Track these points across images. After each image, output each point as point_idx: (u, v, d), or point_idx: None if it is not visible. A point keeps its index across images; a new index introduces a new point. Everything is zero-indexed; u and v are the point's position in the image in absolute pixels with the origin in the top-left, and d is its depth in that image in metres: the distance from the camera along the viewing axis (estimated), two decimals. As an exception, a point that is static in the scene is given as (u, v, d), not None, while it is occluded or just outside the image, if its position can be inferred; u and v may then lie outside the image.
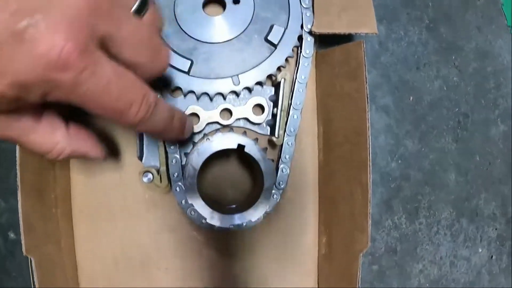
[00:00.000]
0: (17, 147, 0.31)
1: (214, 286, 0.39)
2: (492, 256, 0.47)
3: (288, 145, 0.38)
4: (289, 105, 0.38)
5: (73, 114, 0.24)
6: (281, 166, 0.38)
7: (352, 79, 0.35)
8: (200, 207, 0.36)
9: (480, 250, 0.47)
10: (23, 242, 0.31)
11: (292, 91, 0.38)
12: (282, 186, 0.38)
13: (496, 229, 0.48)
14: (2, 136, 0.21)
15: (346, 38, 0.38)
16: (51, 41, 0.16)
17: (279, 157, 0.38)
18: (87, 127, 0.26)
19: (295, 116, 0.38)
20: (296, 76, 0.38)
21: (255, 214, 0.36)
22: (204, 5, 0.38)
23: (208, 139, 0.36)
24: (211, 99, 0.37)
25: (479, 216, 0.47)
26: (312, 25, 0.38)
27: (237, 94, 0.38)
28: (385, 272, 0.44)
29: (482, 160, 0.47)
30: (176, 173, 0.36)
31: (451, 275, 0.46)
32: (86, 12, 0.18)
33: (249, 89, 0.38)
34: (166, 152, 0.37)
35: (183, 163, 0.37)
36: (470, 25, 0.48)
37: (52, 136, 0.23)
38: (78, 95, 0.18)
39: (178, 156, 0.37)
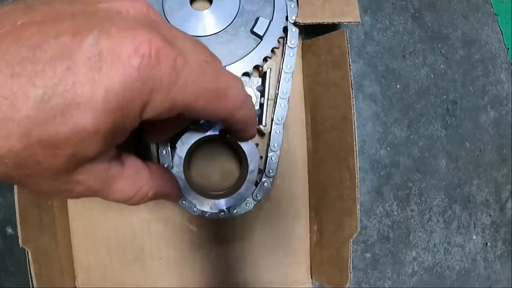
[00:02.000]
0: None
1: (207, 275, 0.40)
2: (486, 243, 0.47)
3: (277, 133, 0.39)
4: (276, 94, 0.39)
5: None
6: (270, 154, 0.38)
7: (337, 67, 0.36)
8: (190, 195, 0.37)
9: (474, 237, 0.47)
10: (19, 233, 0.31)
11: (278, 81, 0.39)
12: (272, 174, 0.38)
13: (490, 215, 0.48)
14: (85, 192, 0.17)
15: (330, 28, 0.38)
16: (135, 39, 0.15)
17: (268, 145, 0.39)
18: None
19: (282, 105, 0.39)
20: (282, 66, 0.39)
21: (243, 197, 0.37)
22: (192, 0, 0.39)
23: (191, 127, 0.37)
24: None
25: (471, 203, 0.47)
26: (297, 16, 0.39)
27: None
28: (378, 260, 0.44)
29: (472, 147, 0.47)
30: (166, 164, 0.37)
31: (446, 262, 0.46)
32: (147, 17, 0.17)
33: None
34: (157, 148, 0.38)
35: (173, 153, 0.37)
36: (455, 14, 0.48)
37: (137, 180, 0.20)
38: (179, 88, 0.16)
39: (168, 148, 0.37)
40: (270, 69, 0.38)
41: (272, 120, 0.39)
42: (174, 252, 0.40)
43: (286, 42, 0.39)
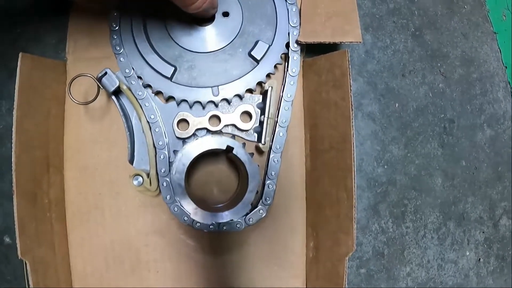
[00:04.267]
0: (13, 152, 0.32)
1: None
2: (479, 259, 0.48)
3: (274, 162, 0.39)
4: (275, 122, 0.39)
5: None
6: (267, 182, 0.38)
7: (337, 87, 0.36)
8: (185, 203, 0.37)
9: (467, 253, 0.48)
10: (18, 245, 0.32)
11: (278, 109, 0.39)
12: (268, 202, 0.38)
13: (483, 232, 0.48)
14: None
15: (332, 46, 0.39)
16: None
17: (266, 172, 0.39)
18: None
19: (281, 134, 0.39)
20: (282, 94, 0.39)
21: (237, 214, 0.37)
22: (195, 15, 0.39)
23: (198, 138, 0.37)
24: (190, 107, 0.39)
25: (466, 220, 0.48)
26: (299, 32, 0.39)
27: (215, 104, 0.39)
28: (373, 275, 0.45)
29: (468, 165, 0.48)
30: (164, 169, 0.37)
31: (439, 277, 0.47)
32: None
33: (227, 101, 0.39)
34: (156, 154, 0.38)
35: (171, 160, 0.38)
36: (455, 32, 0.48)
37: None
38: None
39: (166, 153, 0.38)
40: (272, 87, 0.38)
41: (271, 141, 0.39)
42: (171, 264, 0.40)
43: (287, 70, 0.39)
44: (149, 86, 0.38)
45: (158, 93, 0.38)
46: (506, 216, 0.49)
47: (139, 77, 0.38)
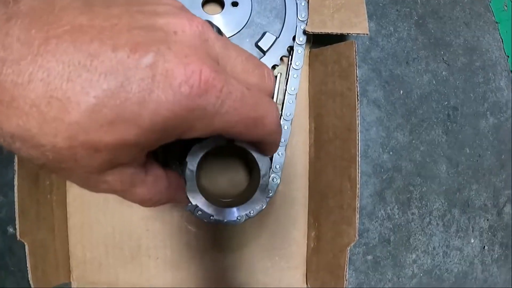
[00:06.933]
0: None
1: (202, 276, 0.40)
2: (484, 247, 0.48)
3: (279, 155, 0.39)
4: (280, 115, 0.39)
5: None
6: (272, 175, 0.38)
7: (344, 78, 0.36)
8: (205, 206, 0.36)
9: (472, 241, 0.48)
10: (17, 225, 0.32)
11: (283, 103, 0.39)
12: (270, 195, 0.38)
13: (487, 220, 0.49)
14: (107, 190, 0.18)
15: (338, 37, 0.39)
16: (187, 68, 0.15)
17: (270, 166, 0.39)
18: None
19: (286, 127, 0.39)
20: (286, 87, 0.39)
21: (258, 203, 0.37)
22: (204, 3, 0.39)
23: (199, 139, 0.37)
24: None
25: (470, 207, 0.48)
26: (306, 25, 0.39)
27: None
28: (379, 262, 0.45)
29: (472, 152, 0.48)
30: None
31: (444, 265, 0.47)
32: (201, 37, 0.17)
33: None
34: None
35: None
36: (458, 21, 0.49)
37: (156, 186, 0.21)
38: (221, 116, 0.17)
39: (177, 161, 0.37)
40: (281, 73, 0.39)
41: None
42: (171, 252, 0.40)
43: (291, 63, 0.39)
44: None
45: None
46: (509, 204, 0.50)
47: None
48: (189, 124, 0.16)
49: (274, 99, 0.39)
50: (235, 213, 0.37)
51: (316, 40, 0.41)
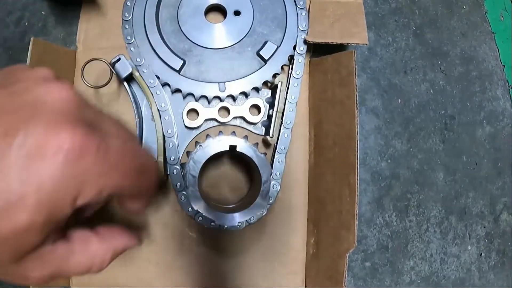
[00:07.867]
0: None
1: (202, 283, 0.40)
2: (481, 254, 0.49)
3: (279, 162, 0.39)
4: (280, 123, 0.39)
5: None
6: (272, 182, 0.39)
7: (343, 86, 0.37)
8: (206, 211, 0.37)
9: (469, 248, 0.48)
10: None
11: (283, 112, 0.40)
12: (270, 202, 0.39)
13: (484, 227, 0.49)
14: (40, 278, 0.18)
15: (338, 47, 0.40)
16: (59, 136, 0.15)
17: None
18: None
19: (286, 135, 0.40)
20: (286, 96, 0.40)
21: (259, 209, 0.37)
22: (207, 11, 0.40)
23: (201, 146, 0.37)
24: (196, 100, 0.39)
25: (467, 214, 0.48)
26: (307, 34, 0.40)
27: (220, 99, 0.39)
28: (377, 269, 0.45)
29: (469, 160, 0.49)
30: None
31: (442, 272, 0.47)
32: (73, 103, 0.17)
33: (232, 97, 0.40)
34: (164, 142, 0.38)
35: (179, 147, 0.38)
36: (455, 31, 0.50)
37: (88, 250, 0.20)
38: (105, 173, 0.17)
39: (175, 141, 0.38)
40: (281, 82, 0.39)
41: (275, 148, 0.39)
42: (171, 258, 0.40)
43: (291, 73, 0.40)
44: (157, 77, 0.39)
45: (165, 85, 0.39)
46: (506, 212, 0.50)
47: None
48: (75, 191, 0.16)
49: (275, 108, 0.39)
50: (236, 219, 0.37)
51: (316, 49, 0.42)
